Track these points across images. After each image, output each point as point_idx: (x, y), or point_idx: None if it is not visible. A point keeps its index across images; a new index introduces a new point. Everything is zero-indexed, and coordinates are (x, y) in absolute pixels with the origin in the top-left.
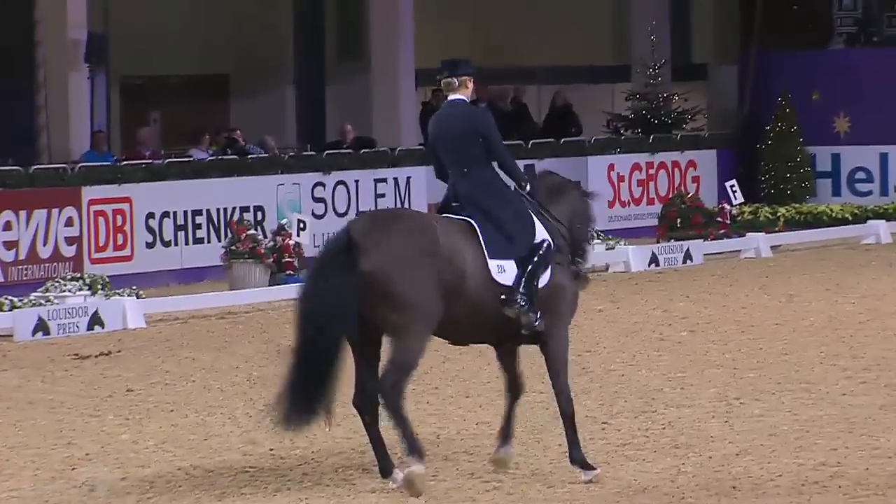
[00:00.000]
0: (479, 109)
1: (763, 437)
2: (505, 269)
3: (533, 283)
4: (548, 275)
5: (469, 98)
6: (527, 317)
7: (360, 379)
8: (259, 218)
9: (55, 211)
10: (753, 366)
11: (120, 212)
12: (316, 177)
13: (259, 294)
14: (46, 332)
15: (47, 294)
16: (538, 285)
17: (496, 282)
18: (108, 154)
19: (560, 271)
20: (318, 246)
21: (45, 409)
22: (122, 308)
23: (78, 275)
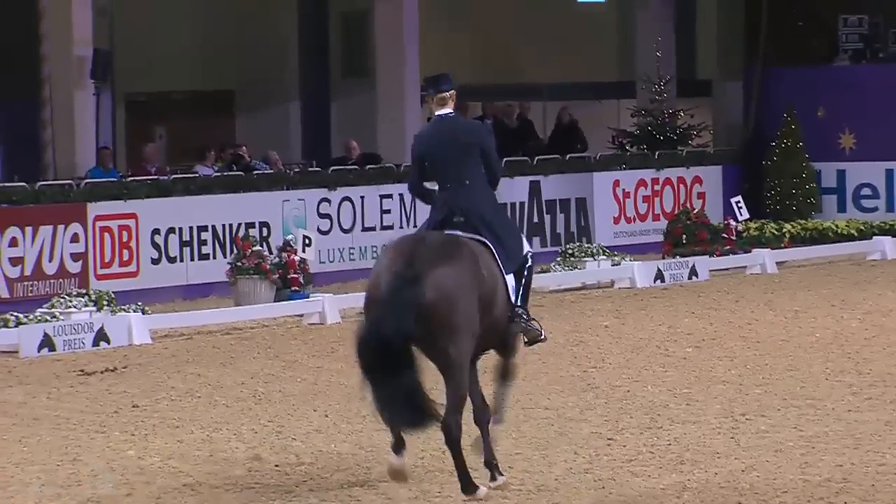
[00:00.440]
0: (479, 122)
1: (769, 453)
2: (511, 284)
3: (528, 296)
4: None
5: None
6: (534, 332)
7: None
8: (264, 234)
9: (61, 227)
10: (759, 382)
11: (125, 228)
12: (321, 193)
13: (264, 310)
14: (52, 348)
15: (53, 310)
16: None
17: (510, 299)
18: (114, 170)
19: None
20: (323, 262)
21: (50, 425)
22: (128, 324)
23: (83, 291)
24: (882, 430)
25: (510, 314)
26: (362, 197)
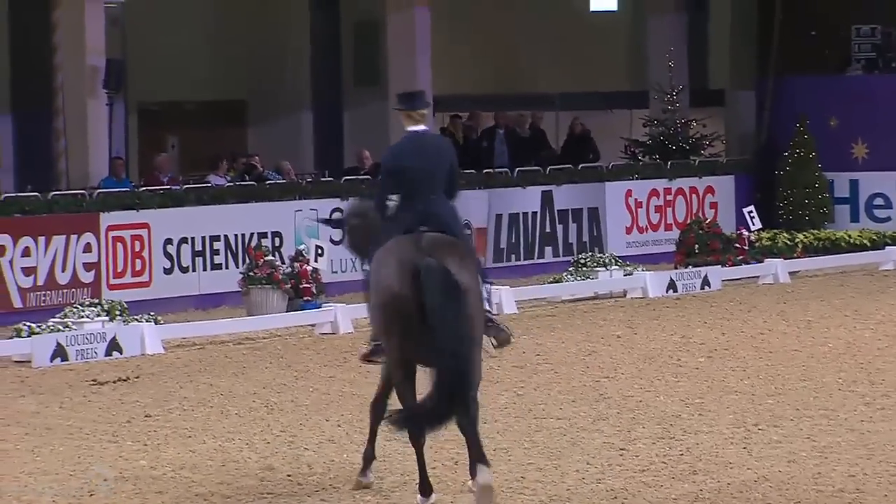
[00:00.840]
0: (448, 140)
1: (782, 464)
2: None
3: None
4: None
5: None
6: (505, 335)
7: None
8: (277, 244)
9: (73, 237)
10: (772, 392)
11: (138, 238)
12: (334, 202)
13: (277, 320)
14: (65, 357)
15: (66, 320)
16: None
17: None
18: (127, 180)
19: None
20: (335, 272)
21: (63, 435)
22: (141, 334)
23: (96, 301)
24: (895, 440)
25: (486, 318)
26: None
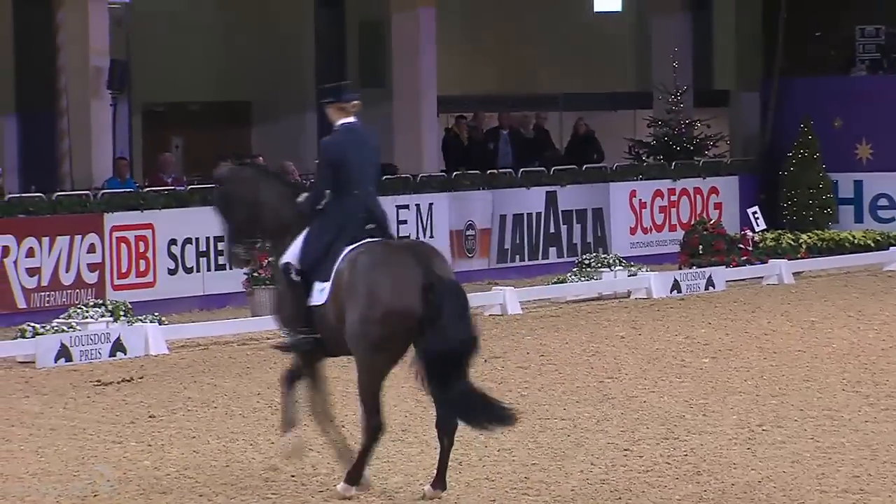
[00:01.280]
0: (376, 132)
1: (785, 465)
2: None
3: None
4: None
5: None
6: None
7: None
8: None
9: (78, 237)
10: (776, 392)
11: (142, 238)
12: None
13: None
14: (69, 358)
15: (70, 320)
16: None
17: None
18: (131, 181)
19: None
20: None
21: (67, 436)
22: (145, 334)
23: (100, 301)
24: None
25: None
26: None
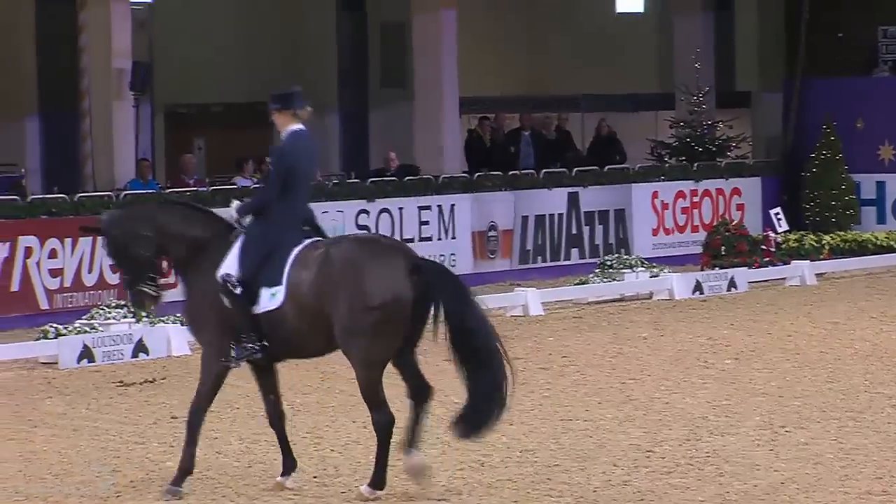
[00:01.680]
0: (317, 140)
1: (808, 466)
2: None
3: None
4: None
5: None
6: None
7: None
8: None
9: (100, 238)
10: (798, 394)
11: None
12: (360, 204)
13: None
14: (91, 359)
15: (92, 321)
16: None
17: None
18: (153, 182)
19: None
20: None
21: (89, 437)
22: (167, 335)
23: (123, 302)
24: None
25: None
26: (401, 208)
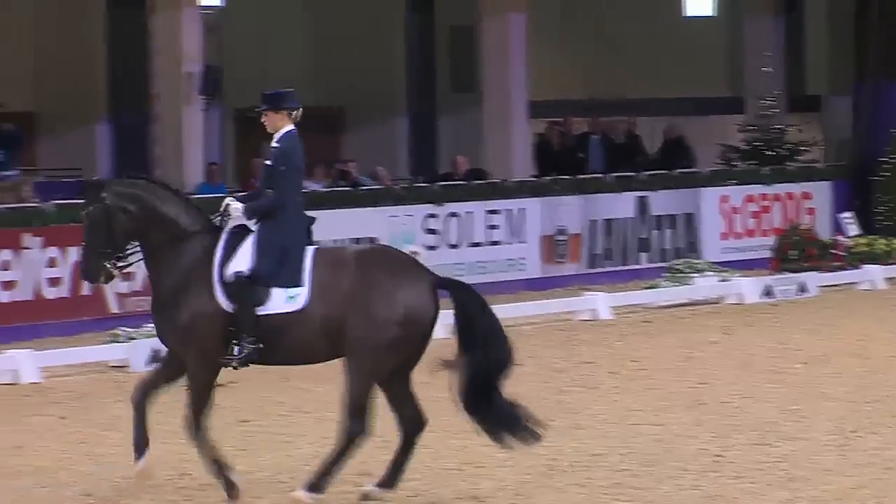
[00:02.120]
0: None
1: (879, 471)
2: None
3: None
4: None
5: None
6: None
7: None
8: None
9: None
10: (869, 399)
11: None
12: (428, 208)
13: None
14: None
15: None
16: None
17: None
18: (222, 185)
19: None
20: None
21: (160, 440)
22: None
23: None
24: None
25: None
26: (469, 212)
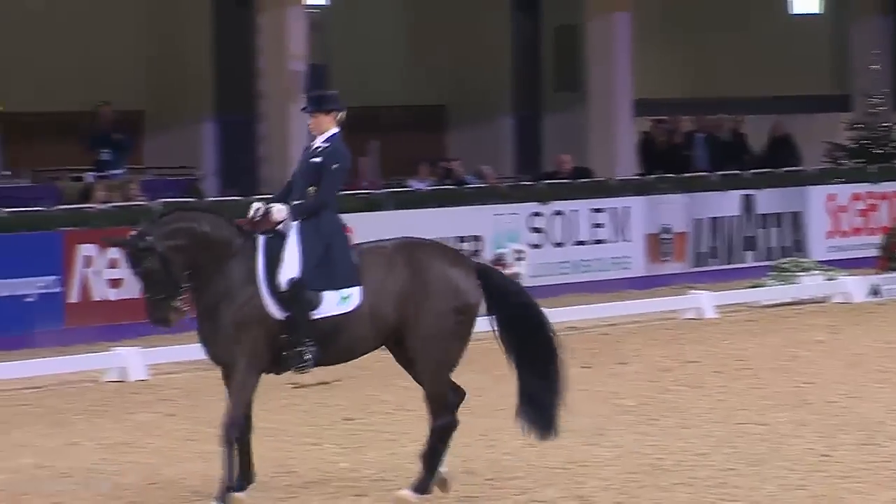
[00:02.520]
0: None
1: None
2: None
3: None
4: None
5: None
6: None
7: None
8: (476, 248)
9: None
10: None
11: None
12: (533, 207)
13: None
14: None
15: None
16: None
17: None
18: None
19: None
20: (534, 276)
21: (265, 438)
22: None
23: None
24: None
25: None
26: (574, 211)
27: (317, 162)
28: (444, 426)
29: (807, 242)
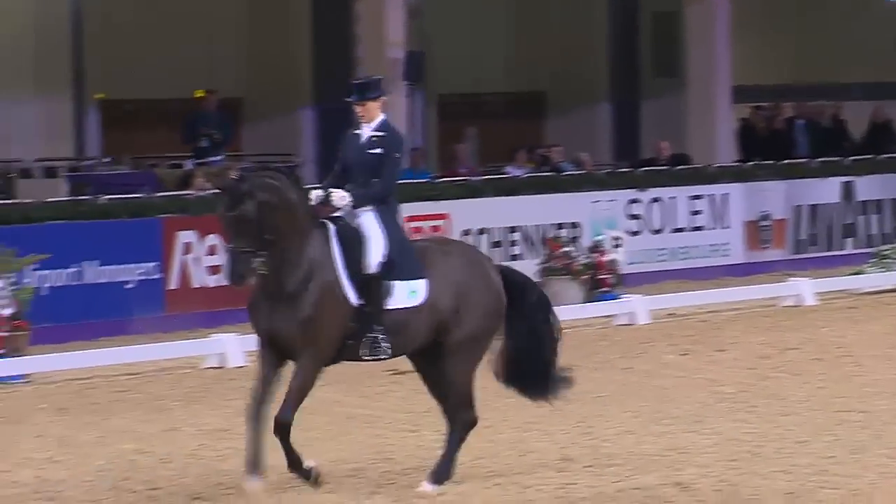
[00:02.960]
0: None
1: None
2: None
3: None
4: None
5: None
6: None
7: None
8: (574, 235)
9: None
10: None
11: (437, 228)
12: (631, 193)
13: (574, 311)
14: None
15: None
16: None
17: None
18: (425, 171)
19: None
20: (633, 263)
21: (362, 424)
22: None
23: None
24: None
25: None
26: (672, 198)
27: (378, 153)
28: (469, 423)
29: None
